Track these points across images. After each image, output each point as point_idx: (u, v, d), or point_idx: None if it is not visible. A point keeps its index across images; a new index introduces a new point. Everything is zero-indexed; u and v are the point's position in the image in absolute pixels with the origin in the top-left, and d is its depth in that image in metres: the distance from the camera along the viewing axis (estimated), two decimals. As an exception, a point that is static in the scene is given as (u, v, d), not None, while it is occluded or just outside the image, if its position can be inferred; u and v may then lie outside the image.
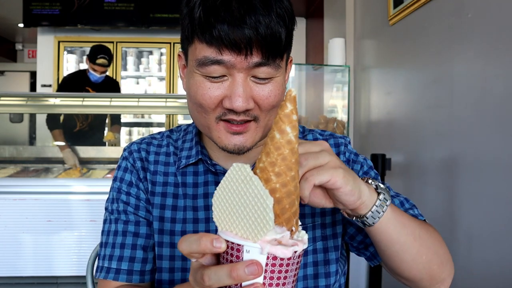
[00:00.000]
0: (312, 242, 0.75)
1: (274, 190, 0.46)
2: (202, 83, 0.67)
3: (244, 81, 0.65)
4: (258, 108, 0.67)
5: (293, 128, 0.46)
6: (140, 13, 4.42)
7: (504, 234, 1.26)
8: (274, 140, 0.46)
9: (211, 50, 0.63)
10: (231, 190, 0.46)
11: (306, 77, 3.07)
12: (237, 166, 0.45)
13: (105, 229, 0.79)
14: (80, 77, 3.25)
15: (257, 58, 0.63)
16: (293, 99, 0.46)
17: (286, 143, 0.46)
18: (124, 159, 0.81)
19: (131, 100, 2.72)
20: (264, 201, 0.43)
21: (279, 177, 0.46)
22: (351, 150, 0.82)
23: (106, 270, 0.76)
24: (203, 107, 0.68)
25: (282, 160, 0.46)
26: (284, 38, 0.65)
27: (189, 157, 0.78)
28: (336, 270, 0.77)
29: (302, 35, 4.47)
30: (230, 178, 0.46)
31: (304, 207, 0.76)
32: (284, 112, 0.46)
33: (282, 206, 0.46)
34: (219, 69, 0.64)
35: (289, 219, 0.47)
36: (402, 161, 1.99)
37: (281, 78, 0.70)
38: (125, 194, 0.78)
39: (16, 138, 4.98)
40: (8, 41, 6.94)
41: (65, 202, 2.07)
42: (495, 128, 1.31)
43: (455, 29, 1.55)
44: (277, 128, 0.47)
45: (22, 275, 2.08)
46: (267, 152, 0.47)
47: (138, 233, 0.77)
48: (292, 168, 0.47)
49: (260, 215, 0.44)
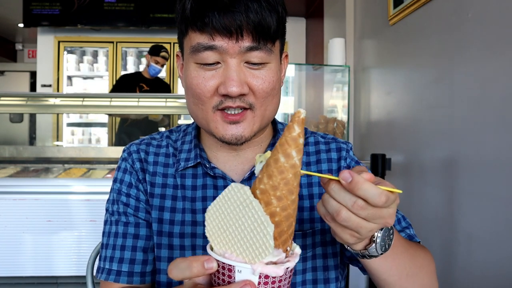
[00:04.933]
0: (311, 248, 0.75)
1: (274, 214, 0.45)
2: (197, 73, 0.68)
3: (237, 66, 0.66)
4: (253, 95, 0.68)
5: (298, 152, 0.46)
6: (140, 13, 4.43)
7: (504, 234, 1.26)
8: (278, 163, 0.45)
9: (204, 37, 0.66)
10: (228, 210, 0.45)
11: (306, 77, 3.07)
12: (236, 186, 0.45)
13: (106, 230, 0.80)
14: (135, 75, 3.63)
15: (248, 42, 0.65)
16: (301, 122, 0.45)
17: (290, 167, 0.45)
18: (123, 160, 0.81)
19: (131, 100, 2.72)
20: (265, 227, 0.43)
21: (280, 201, 0.45)
22: (353, 157, 0.81)
23: (107, 271, 0.76)
24: (199, 98, 0.68)
25: (284, 185, 0.45)
26: (275, 23, 0.67)
27: (187, 160, 0.78)
28: (336, 277, 0.76)
29: (302, 35, 4.46)
30: (227, 197, 0.46)
31: (303, 213, 0.75)
32: (291, 135, 0.45)
33: (281, 229, 0.46)
34: (212, 55, 0.66)
35: (285, 241, 0.47)
36: (402, 161, 1.99)
37: (275, 65, 0.70)
38: (125, 195, 0.78)
39: (16, 138, 4.98)
40: (8, 41, 6.94)
41: (65, 202, 2.07)
42: (495, 128, 1.31)
43: (455, 29, 1.55)
44: (282, 150, 0.45)
45: (22, 275, 2.08)
46: (269, 174, 0.46)
47: (138, 234, 0.77)
48: (293, 191, 0.46)
49: (259, 240, 0.43)
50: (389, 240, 0.60)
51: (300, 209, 0.75)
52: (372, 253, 0.59)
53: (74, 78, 4.81)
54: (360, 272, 0.76)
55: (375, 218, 0.51)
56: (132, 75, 3.67)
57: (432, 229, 1.66)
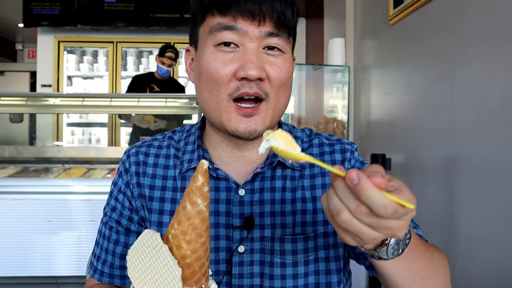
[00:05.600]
0: (314, 251, 0.74)
1: (185, 256, 0.49)
2: (214, 55, 0.68)
3: (256, 51, 0.67)
4: (269, 83, 0.68)
5: (204, 199, 0.49)
6: (140, 13, 4.43)
7: (504, 234, 1.26)
8: (185, 210, 0.49)
9: (225, 19, 0.66)
10: (144, 254, 0.50)
11: (306, 77, 3.07)
12: (149, 232, 0.49)
13: (99, 228, 0.82)
14: (147, 76, 3.65)
15: (269, 28, 0.67)
16: (205, 172, 0.49)
17: (197, 214, 0.49)
18: (122, 163, 0.81)
19: (131, 100, 2.72)
20: (173, 271, 0.47)
21: (189, 244, 0.49)
22: (357, 158, 0.80)
23: (94, 269, 0.80)
24: (216, 82, 0.67)
25: (193, 230, 0.49)
26: (294, 16, 0.69)
27: (191, 161, 0.77)
28: (339, 281, 0.75)
29: (302, 35, 4.46)
30: (143, 242, 0.50)
31: (306, 216, 0.75)
32: (196, 184, 0.49)
33: (193, 269, 0.49)
34: (231, 35, 0.66)
35: (198, 280, 0.50)
36: (402, 161, 1.99)
37: (290, 57, 0.72)
38: (114, 199, 0.79)
39: (16, 138, 4.98)
40: (8, 41, 6.94)
41: (65, 202, 2.07)
42: (495, 128, 1.31)
43: (455, 29, 1.55)
44: (189, 199, 0.49)
45: (22, 275, 2.08)
46: (178, 220, 0.49)
47: (118, 241, 0.78)
48: (202, 235, 0.49)
49: (170, 282, 0.48)
50: (404, 245, 0.57)
51: (303, 212, 0.75)
52: (382, 256, 0.56)
53: (74, 78, 4.81)
54: (360, 272, 0.76)
55: (380, 228, 0.47)
56: (144, 76, 3.68)
57: (432, 229, 1.66)
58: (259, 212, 0.74)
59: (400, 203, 0.45)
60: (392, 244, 0.55)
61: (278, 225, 0.74)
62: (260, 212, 0.74)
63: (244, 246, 0.73)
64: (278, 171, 0.76)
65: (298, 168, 0.77)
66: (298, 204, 0.75)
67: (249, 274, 0.72)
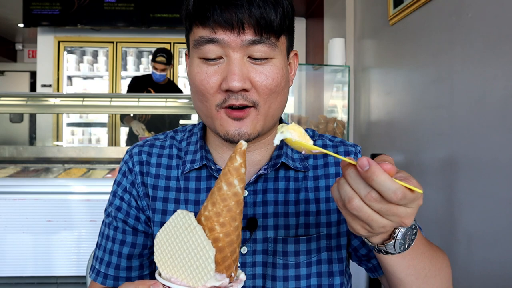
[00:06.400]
0: (316, 253, 0.74)
1: (217, 239, 0.47)
2: (200, 68, 0.67)
3: (240, 61, 0.65)
4: (256, 92, 0.66)
5: (241, 181, 0.48)
6: (140, 13, 4.43)
7: (504, 234, 1.26)
8: (221, 191, 0.48)
9: (206, 31, 0.65)
10: (174, 235, 0.48)
11: (306, 77, 3.07)
12: (181, 212, 0.47)
13: (100, 230, 0.81)
14: (145, 78, 3.62)
15: (250, 36, 0.64)
16: (243, 153, 0.48)
17: (233, 195, 0.48)
18: (124, 163, 0.80)
19: (131, 100, 2.72)
20: (206, 251, 0.45)
21: (223, 227, 0.48)
22: None
23: (97, 272, 0.78)
24: (203, 94, 0.67)
25: (227, 211, 0.48)
26: (279, 17, 0.66)
27: (193, 162, 0.76)
28: (341, 283, 0.75)
29: (302, 35, 4.46)
30: (174, 223, 0.48)
31: (309, 217, 0.75)
32: (234, 165, 0.48)
33: (224, 254, 0.48)
34: (214, 48, 0.65)
35: (229, 266, 0.48)
36: (402, 161, 1.99)
37: (280, 61, 0.68)
38: (119, 198, 0.78)
39: (16, 138, 4.97)
40: (8, 41, 6.95)
41: (65, 202, 2.07)
42: (495, 128, 1.31)
43: (455, 29, 1.55)
44: (225, 179, 0.48)
45: (22, 275, 2.08)
46: (213, 202, 0.48)
47: (125, 241, 0.77)
48: (236, 218, 0.48)
49: (202, 263, 0.46)
50: (410, 240, 0.58)
51: (306, 213, 0.75)
52: (389, 250, 0.57)
53: (74, 78, 4.81)
54: (359, 273, 0.76)
55: (389, 215, 0.49)
56: (142, 78, 3.65)
57: (432, 229, 1.66)
58: (262, 213, 0.74)
59: (409, 188, 0.47)
60: (399, 239, 0.56)
61: (281, 226, 0.74)
62: (263, 213, 0.74)
63: (246, 247, 0.73)
64: (281, 172, 0.76)
65: (302, 170, 0.76)
66: (301, 206, 0.75)
67: (251, 275, 0.73)
